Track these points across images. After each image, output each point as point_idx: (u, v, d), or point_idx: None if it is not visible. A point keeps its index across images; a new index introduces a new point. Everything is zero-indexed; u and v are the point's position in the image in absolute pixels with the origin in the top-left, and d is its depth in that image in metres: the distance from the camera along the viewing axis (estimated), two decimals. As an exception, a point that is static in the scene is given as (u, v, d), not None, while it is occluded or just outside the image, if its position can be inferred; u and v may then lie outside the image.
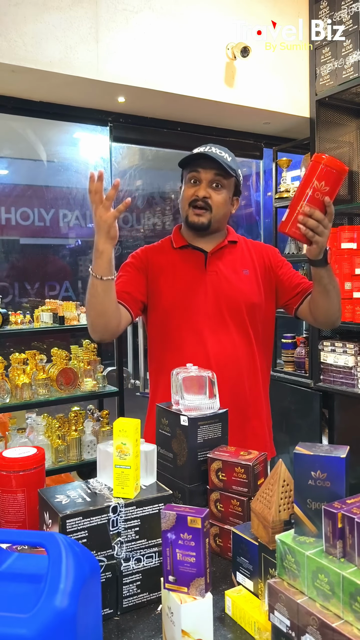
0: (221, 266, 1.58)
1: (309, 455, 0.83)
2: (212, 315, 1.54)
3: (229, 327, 1.54)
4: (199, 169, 1.52)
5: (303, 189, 1.29)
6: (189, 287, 1.55)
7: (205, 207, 1.52)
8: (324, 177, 1.28)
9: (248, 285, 1.58)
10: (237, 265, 1.60)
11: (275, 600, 0.81)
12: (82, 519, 0.91)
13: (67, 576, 0.54)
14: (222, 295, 1.55)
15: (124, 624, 0.93)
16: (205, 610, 0.79)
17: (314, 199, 1.29)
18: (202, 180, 1.52)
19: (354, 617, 0.71)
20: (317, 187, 1.28)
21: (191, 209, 1.54)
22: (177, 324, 1.54)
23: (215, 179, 1.52)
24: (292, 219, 1.30)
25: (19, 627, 0.52)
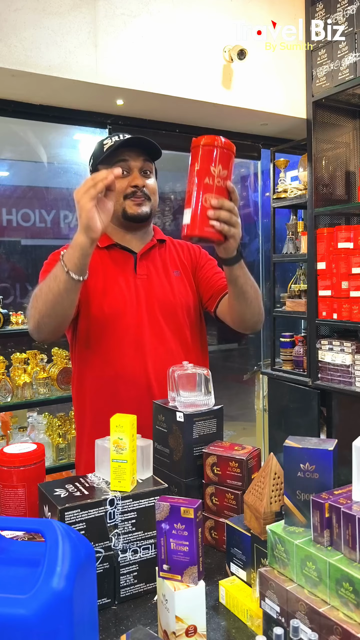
0: (152, 269, 1.50)
1: (298, 448, 0.86)
2: (147, 322, 1.44)
3: (165, 334, 1.46)
4: (127, 157, 1.41)
5: (201, 179, 1.10)
6: (120, 294, 1.44)
7: (145, 196, 1.43)
8: (219, 159, 1.10)
9: (181, 287, 1.51)
10: (167, 266, 1.52)
11: (266, 588, 0.84)
12: (80, 511, 0.94)
13: (63, 560, 0.58)
14: (156, 300, 1.46)
15: (121, 613, 0.96)
16: (198, 597, 0.82)
17: (217, 187, 1.10)
18: (132, 170, 1.42)
19: (339, 602, 0.75)
20: (215, 174, 1.10)
21: (128, 201, 1.42)
22: (112, 334, 1.42)
23: (145, 166, 1.44)
24: (200, 218, 1.10)
25: (18, 607, 0.55)
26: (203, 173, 1.10)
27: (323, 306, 2.90)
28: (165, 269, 1.52)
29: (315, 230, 2.94)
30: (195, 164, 1.11)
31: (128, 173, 1.42)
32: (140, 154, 1.43)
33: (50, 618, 0.55)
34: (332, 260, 2.82)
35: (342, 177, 3.07)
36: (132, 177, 1.42)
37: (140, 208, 1.43)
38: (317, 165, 2.95)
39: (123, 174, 1.38)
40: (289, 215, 3.40)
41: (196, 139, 1.13)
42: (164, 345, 1.45)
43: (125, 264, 1.49)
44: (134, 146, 1.42)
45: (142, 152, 1.43)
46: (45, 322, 1.28)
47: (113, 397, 1.43)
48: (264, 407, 3.62)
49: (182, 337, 1.49)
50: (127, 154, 1.42)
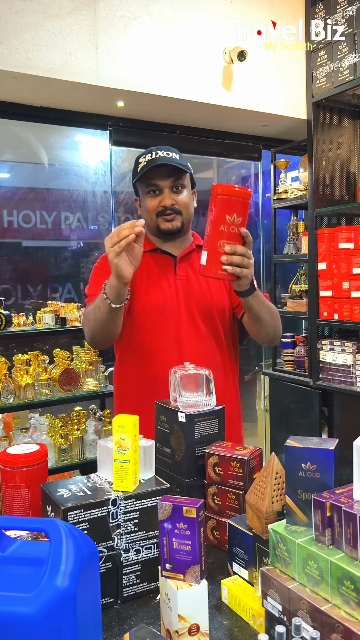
0: (190, 271, 1.58)
1: (299, 448, 0.87)
2: (185, 320, 1.54)
3: (202, 333, 1.55)
4: (156, 181, 1.51)
5: (216, 226, 1.20)
6: (161, 292, 1.55)
7: (175, 212, 1.52)
8: (234, 208, 1.19)
9: (217, 290, 1.59)
10: None
11: (268, 586, 0.85)
12: (83, 511, 0.94)
13: (67, 558, 0.58)
14: (194, 300, 1.55)
15: (124, 612, 0.96)
16: (201, 596, 0.82)
17: (230, 234, 1.21)
18: (162, 189, 1.51)
19: (341, 600, 0.75)
20: (230, 222, 1.20)
21: (160, 218, 1.53)
22: (151, 329, 1.53)
23: (175, 183, 1.52)
24: (214, 261, 1.21)
25: (22, 605, 0.56)
26: (219, 220, 1.20)
27: (324, 306, 2.91)
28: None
29: (316, 231, 2.95)
30: (212, 210, 1.20)
31: (159, 193, 1.52)
32: (170, 173, 1.50)
33: (54, 616, 0.55)
34: (333, 261, 2.83)
35: (343, 177, 3.08)
36: (162, 197, 1.52)
37: (171, 224, 1.53)
38: (317, 166, 2.96)
39: (155, 194, 1.52)
40: (289, 216, 3.41)
41: (215, 187, 1.20)
42: (201, 341, 1.54)
43: (167, 266, 1.59)
44: (163, 166, 1.49)
45: (171, 171, 1.50)
46: (97, 339, 1.49)
47: (150, 388, 1.50)
48: (266, 407, 3.63)
49: (217, 335, 1.57)
50: (156, 175, 1.50)
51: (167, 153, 1.52)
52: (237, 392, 1.67)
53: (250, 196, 1.22)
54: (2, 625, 0.55)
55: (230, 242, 1.21)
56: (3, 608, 0.55)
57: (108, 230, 3.44)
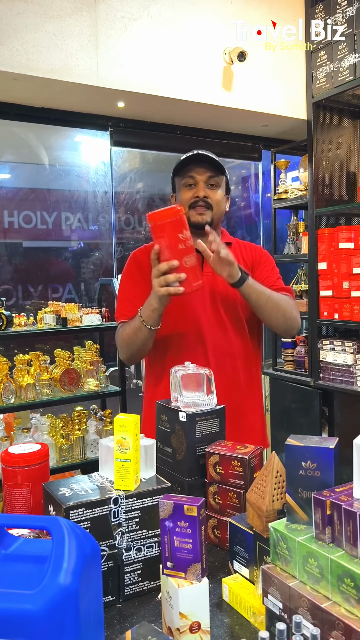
0: None
1: (299, 447, 0.87)
2: (209, 314, 1.59)
3: (225, 324, 1.60)
4: (193, 173, 1.58)
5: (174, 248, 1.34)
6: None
7: (207, 206, 1.58)
8: (181, 225, 1.33)
9: None
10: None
11: (269, 584, 0.85)
12: (85, 510, 0.95)
13: (69, 556, 0.59)
14: (219, 295, 1.60)
15: (125, 611, 0.97)
16: (202, 594, 0.83)
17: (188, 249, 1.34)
18: (198, 182, 1.58)
19: (341, 597, 0.76)
20: (183, 238, 1.34)
21: (192, 210, 1.58)
22: (176, 323, 1.58)
23: (210, 180, 1.58)
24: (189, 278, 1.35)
25: (25, 602, 0.56)
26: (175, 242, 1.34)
27: (324, 306, 2.91)
28: None
29: (316, 231, 2.95)
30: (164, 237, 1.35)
31: (194, 186, 1.59)
32: (207, 169, 1.58)
33: (57, 613, 0.56)
34: (333, 261, 2.83)
35: (343, 177, 3.08)
36: (196, 189, 1.58)
37: (202, 217, 1.58)
38: (317, 166, 2.96)
39: (190, 187, 1.60)
40: (289, 216, 3.41)
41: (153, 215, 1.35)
42: (224, 334, 1.60)
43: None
44: (202, 162, 1.58)
45: (209, 167, 1.58)
46: (134, 358, 1.63)
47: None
48: (266, 407, 3.63)
49: (241, 329, 1.63)
50: (195, 169, 1.59)
51: (208, 154, 1.60)
52: (259, 382, 1.73)
53: (184, 210, 1.36)
54: (5, 622, 0.56)
55: (191, 255, 1.35)
56: (7, 605, 0.56)
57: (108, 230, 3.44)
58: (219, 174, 1.60)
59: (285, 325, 1.61)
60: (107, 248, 3.54)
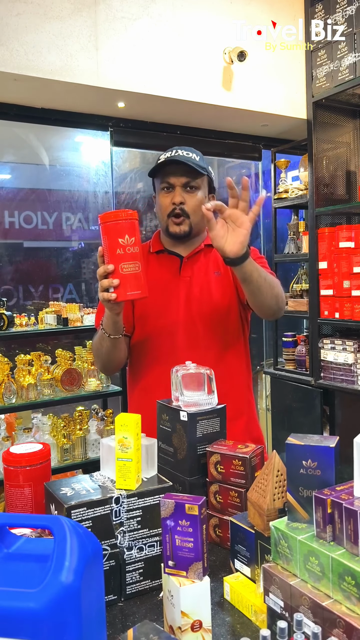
0: (195, 270, 1.58)
1: (300, 446, 0.88)
2: (184, 320, 1.54)
3: (199, 331, 1.54)
4: (170, 176, 1.51)
5: (112, 252, 1.24)
6: (161, 293, 1.55)
7: (183, 215, 1.52)
8: (124, 230, 1.24)
9: (219, 286, 1.57)
10: (210, 267, 1.59)
11: (270, 583, 0.85)
12: (87, 509, 0.95)
13: (71, 555, 0.59)
14: (194, 299, 1.55)
15: (127, 609, 0.97)
16: (203, 593, 0.83)
17: (128, 255, 1.24)
18: (175, 186, 1.51)
19: (342, 595, 0.76)
20: (124, 244, 1.25)
21: (170, 220, 1.53)
22: (151, 330, 1.55)
23: (188, 183, 1.51)
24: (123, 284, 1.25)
25: (28, 601, 0.57)
26: (113, 246, 1.25)
27: (325, 305, 2.91)
28: (207, 270, 1.59)
29: (317, 230, 2.95)
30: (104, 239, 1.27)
31: (172, 190, 1.52)
32: (184, 171, 1.49)
33: (59, 611, 0.56)
34: (334, 260, 2.84)
35: (343, 176, 3.08)
36: (173, 194, 1.51)
37: (179, 227, 1.53)
38: (317, 165, 2.96)
39: (168, 191, 1.52)
40: (290, 215, 3.41)
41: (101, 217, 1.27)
42: (199, 340, 1.53)
43: (171, 266, 1.59)
44: (179, 163, 1.49)
45: (185, 170, 1.49)
46: (107, 367, 1.58)
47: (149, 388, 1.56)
48: (267, 406, 3.64)
49: (216, 333, 1.55)
50: (171, 172, 1.50)
51: (187, 153, 1.52)
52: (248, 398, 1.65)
53: (135, 215, 1.26)
54: (8, 620, 0.56)
55: (131, 261, 1.25)
56: (9, 603, 0.56)
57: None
58: (198, 175, 1.52)
59: (277, 306, 1.50)
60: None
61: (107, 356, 1.49)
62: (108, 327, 1.40)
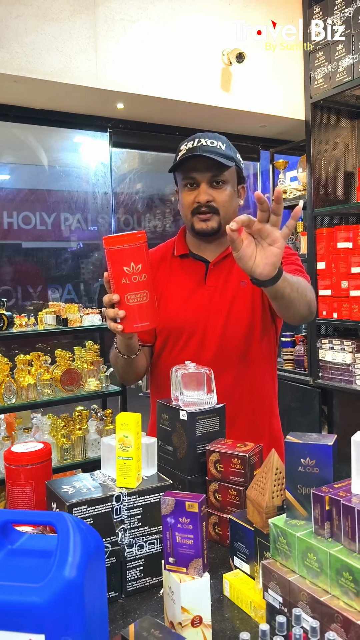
0: (221, 280, 1.46)
1: (298, 444, 0.89)
2: (208, 334, 1.44)
3: (221, 348, 1.44)
4: (192, 171, 1.36)
5: (117, 281, 1.14)
6: (185, 305, 1.45)
7: (211, 211, 1.38)
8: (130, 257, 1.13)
9: (244, 299, 1.45)
10: (236, 276, 1.46)
11: (269, 579, 0.87)
12: (88, 507, 0.96)
13: (74, 550, 0.60)
14: (219, 313, 1.44)
15: (128, 606, 0.98)
16: (203, 589, 0.84)
17: (134, 284, 1.14)
18: (199, 183, 1.36)
19: (340, 591, 0.77)
20: (129, 272, 1.13)
21: (195, 217, 1.39)
22: (172, 346, 1.47)
23: (214, 178, 1.36)
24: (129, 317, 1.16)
25: (32, 595, 0.58)
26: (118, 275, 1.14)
27: (323, 305, 2.93)
28: (233, 280, 1.46)
29: (315, 231, 2.97)
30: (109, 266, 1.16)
31: (196, 186, 1.38)
32: (209, 165, 1.34)
33: (62, 605, 0.58)
34: (332, 260, 2.85)
35: (341, 177, 3.10)
36: (197, 191, 1.37)
37: (206, 224, 1.39)
38: (316, 166, 2.98)
39: (192, 187, 1.38)
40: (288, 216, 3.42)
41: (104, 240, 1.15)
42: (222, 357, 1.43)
43: (196, 273, 1.47)
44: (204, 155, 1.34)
45: (212, 164, 1.34)
46: (125, 380, 1.54)
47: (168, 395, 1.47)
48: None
49: (241, 349, 1.45)
50: (195, 166, 1.36)
51: (212, 142, 1.36)
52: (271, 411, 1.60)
53: (143, 238, 1.14)
54: (13, 614, 0.57)
55: (138, 291, 1.15)
56: (14, 598, 0.58)
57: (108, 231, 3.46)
58: (225, 168, 1.35)
59: (309, 311, 1.35)
60: (107, 249, 3.55)
61: (123, 372, 1.45)
62: (121, 348, 1.34)
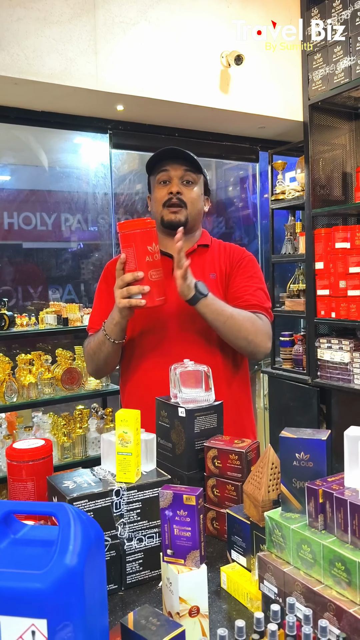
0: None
1: (293, 439, 0.91)
2: (175, 322, 1.52)
3: (190, 334, 1.51)
4: (168, 167, 1.51)
5: (142, 259, 1.29)
6: None
7: (180, 204, 1.50)
8: (151, 238, 1.29)
9: (214, 291, 1.51)
10: (205, 269, 1.56)
11: (265, 571, 0.89)
12: (88, 501, 0.99)
13: (75, 539, 0.63)
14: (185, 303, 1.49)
15: (127, 598, 1.01)
16: (201, 580, 0.87)
17: (155, 262, 1.31)
18: (172, 178, 1.51)
19: (332, 581, 0.80)
20: (152, 251, 1.30)
21: (166, 209, 1.51)
22: (141, 333, 1.53)
23: (186, 176, 1.51)
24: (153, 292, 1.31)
25: (34, 581, 0.60)
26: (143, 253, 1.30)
27: (321, 305, 2.95)
28: (201, 272, 1.55)
29: (313, 231, 2.99)
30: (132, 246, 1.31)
31: (169, 183, 1.52)
32: (181, 164, 1.51)
33: (63, 591, 0.60)
34: (330, 260, 2.87)
35: (339, 178, 3.12)
36: (170, 185, 1.51)
37: (175, 215, 1.51)
38: (314, 167, 3.00)
39: (165, 184, 1.52)
40: (287, 216, 3.45)
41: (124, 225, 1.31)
42: (189, 344, 1.50)
43: (165, 267, 1.51)
44: (176, 157, 1.51)
45: (183, 163, 1.51)
46: (101, 371, 1.61)
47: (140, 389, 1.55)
48: (265, 405, 3.67)
49: (207, 337, 1.52)
50: (169, 164, 1.51)
51: (184, 150, 1.52)
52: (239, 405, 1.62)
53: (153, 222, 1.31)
54: (17, 600, 0.60)
55: (158, 268, 1.32)
56: (18, 584, 0.60)
57: (108, 231, 3.48)
58: (196, 171, 1.52)
59: (249, 348, 1.48)
60: (107, 249, 3.58)
61: (104, 360, 1.51)
62: (114, 332, 1.42)
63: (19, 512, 0.68)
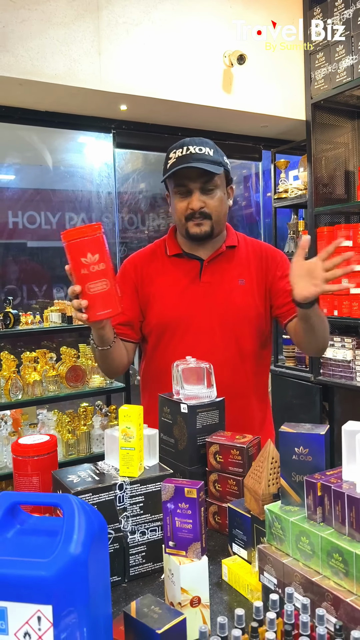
0: (217, 276, 1.50)
1: (292, 433, 0.93)
2: (204, 331, 1.48)
3: (219, 343, 1.48)
4: (185, 180, 1.42)
5: (77, 273, 1.19)
6: (180, 301, 1.49)
7: (204, 217, 1.44)
8: (86, 248, 1.17)
9: (243, 297, 1.50)
10: (233, 274, 1.52)
11: (265, 562, 0.91)
12: (92, 495, 1.01)
13: (79, 529, 0.65)
14: (215, 309, 1.48)
15: (130, 590, 1.03)
16: (202, 571, 0.89)
17: (93, 274, 1.18)
18: (192, 191, 1.42)
19: (330, 572, 0.82)
20: (87, 262, 1.18)
21: (189, 222, 1.45)
22: (168, 340, 1.51)
23: (206, 185, 1.42)
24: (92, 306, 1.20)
25: (40, 569, 0.62)
26: (77, 266, 1.19)
27: (324, 303, 2.96)
28: (230, 277, 1.52)
29: (316, 229, 3.00)
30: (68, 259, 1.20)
31: (188, 194, 1.43)
32: (201, 173, 1.40)
33: (68, 579, 0.62)
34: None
35: (342, 176, 3.13)
36: (190, 200, 1.43)
37: (200, 228, 1.45)
38: (316, 166, 3.01)
39: (184, 195, 1.44)
40: (290, 215, 3.47)
41: (62, 235, 1.20)
42: (217, 353, 1.46)
43: (191, 271, 1.52)
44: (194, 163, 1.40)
45: (201, 172, 1.40)
46: (107, 372, 1.60)
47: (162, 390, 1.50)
48: (268, 403, 3.69)
49: (237, 346, 1.50)
50: (186, 176, 1.41)
51: (200, 149, 1.40)
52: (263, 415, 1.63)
53: (99, 229, 1.20)
54: (23, 587, 0.62)
55: (97, 280, 1.19)
56: (23, 572, 0.62)
57: (112, 230, 3.51)
58: (215, 174, 1.41)
59: (323, 346, 1.49)
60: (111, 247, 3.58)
61: (100, 363, 1.52)
62: (95, 339, 1.40)
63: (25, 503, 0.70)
